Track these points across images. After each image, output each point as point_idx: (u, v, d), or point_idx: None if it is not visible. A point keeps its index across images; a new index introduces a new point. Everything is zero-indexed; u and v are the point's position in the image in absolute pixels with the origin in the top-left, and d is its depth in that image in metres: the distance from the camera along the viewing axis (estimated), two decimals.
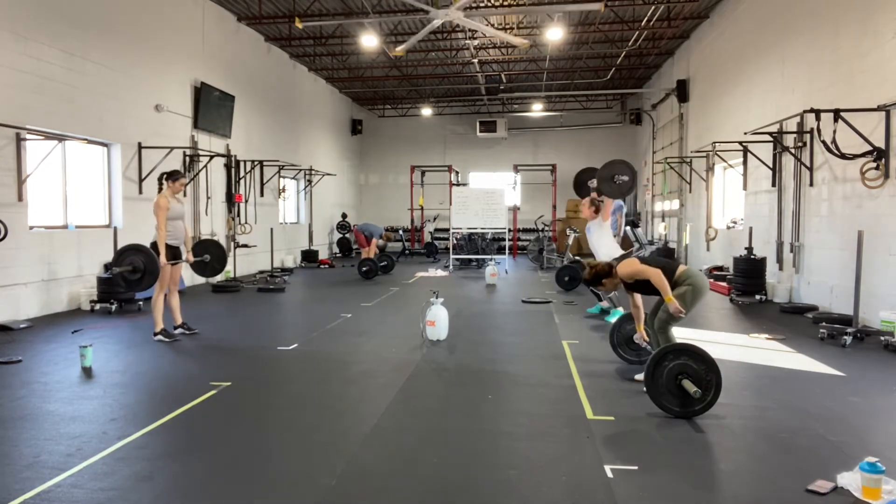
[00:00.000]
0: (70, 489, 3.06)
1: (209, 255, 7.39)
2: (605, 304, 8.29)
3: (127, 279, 6.05)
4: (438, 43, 15.17)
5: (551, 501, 2.97)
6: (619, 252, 6.84)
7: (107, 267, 8.97)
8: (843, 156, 7.44)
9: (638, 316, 5.22)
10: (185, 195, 11.13)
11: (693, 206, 14.74)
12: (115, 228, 8.78)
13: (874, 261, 7.10)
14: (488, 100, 21.46)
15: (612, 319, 7.84)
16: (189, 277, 10.55)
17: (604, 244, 6.93)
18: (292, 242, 16.60)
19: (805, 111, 7.86)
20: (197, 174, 11.59)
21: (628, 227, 9.62)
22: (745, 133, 9.91)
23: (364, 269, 12.73)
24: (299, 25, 10.79)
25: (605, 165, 7.25)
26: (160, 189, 6.76)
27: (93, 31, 9.00)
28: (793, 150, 9.22)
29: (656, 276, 4.50)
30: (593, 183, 8.01)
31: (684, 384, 4.01)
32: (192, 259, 7.10)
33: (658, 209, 18.32)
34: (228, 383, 4.93)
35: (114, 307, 8.43)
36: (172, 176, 6.75)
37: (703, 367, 4.05)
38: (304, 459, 3.46)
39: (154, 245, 6.51)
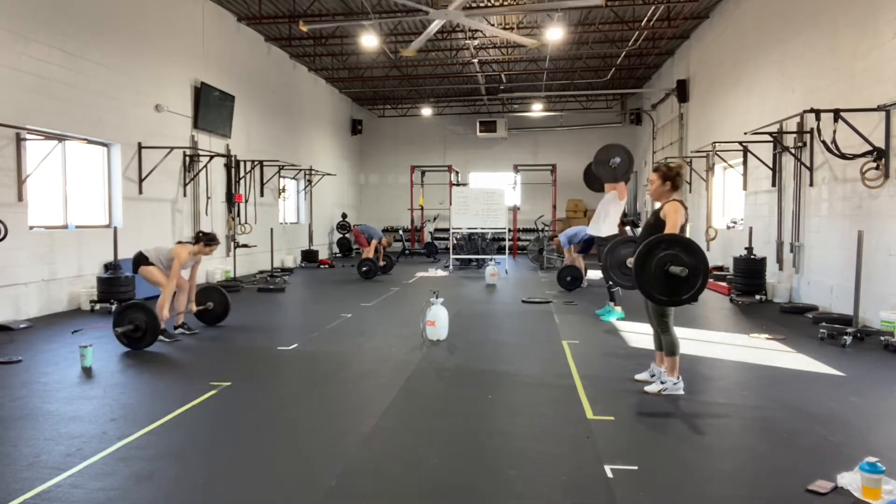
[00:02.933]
0: (70, 489, 3.06)
1: (212, 303, 7.37)
2: (611, 304, 8.23)
3: (129, 337, 6.09)
4: (438, 43, 15.16)
5: (551, 501, 2.97)
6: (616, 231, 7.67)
7: (107, 267, 8.97)
8: (843, 156, 7.44)
9: None
10: (184, 195, 11.23)
11: (693, 206, 14.72)
12: (115, 228, 8.79)
13: (874, 261, 7.10)
14: (488, 100, 21.46)
15: (611, 319, 7.90)
16: None
17: (611, 220, 7.52)
18: (292, 242, 16.60)
19: (805, 111, 7.86)
20: (197, 174, 11.59)
21: (628, 228, 9.64)
22: (745, 133, 9.91)
23: (364, 268, 12.73)
24: (303, 28, 10.77)
25: (600, 149, 7.38)
26: (195, 244, 6.79)
27: (93, 31, 9.00)
28: (793, 150, 9.22)
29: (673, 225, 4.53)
30: (616, 161, 7.83)
31: (671, 269, 4.12)
32: (195, 309, 7.11)
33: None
34: (228, 383, 4.93)
35: (114, 307, 8.41)
36: (210, 241, 6.80)
37: (693, 261, 4.16)
38: (304, 459, 3.46)
39: (141, 256, 6.67)
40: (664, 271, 4.15)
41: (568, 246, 11.41)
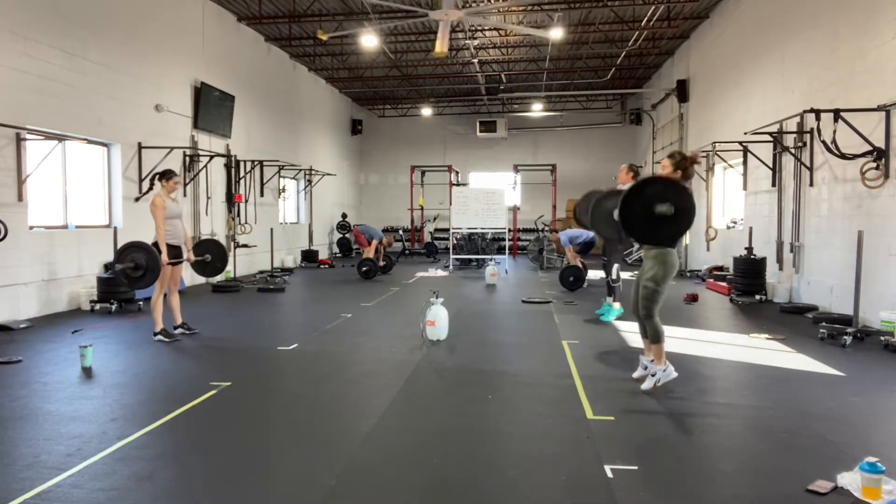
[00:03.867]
0: (70, 489, 3.06)
1: (210, 255, 7.40)
2: (608, 300, 8.22)
3: (129, 276, 6.08)
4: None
5: (551, 501, 2.97)
6: None
7: (107, 267, 8.97)
8: (843, 156, 7.44)
9: None
10: (184, 195, 11.23)
11: None
12: (115, 228, 8.78)
13: (874, 261, 7.10)
14: (488, 100, 21.46)
15: (611, 318, 7.89)
16: (189, 277, 10.55)
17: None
18: (292, 242, 16.60)
19: (805, 111, 7.86)
20: (197, 174, 11.59)
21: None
22: (745, 133, 9.91)
23: (364, 268, 12.73)
24: (323, 37, 10.79)
25: (597, 201, 6.26)
26: (150, 188, 6.77)
27: (93, 31, 9.00)
28: (793, 150, 9.22)
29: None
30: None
31: (657, 209, 4.20)
32: (192, 258, 7.11)
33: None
34: (228, 383, 4.93)
35: (114, 307, 8.43)
36: (166, 175, 6.79)
37: (680, 201, 4.27)
38: (304, 459, 3.46)
39: (156, 244, 6.52)
40: (650, 212, 4.21)
41: (568, 246, 11.43)
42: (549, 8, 12.71)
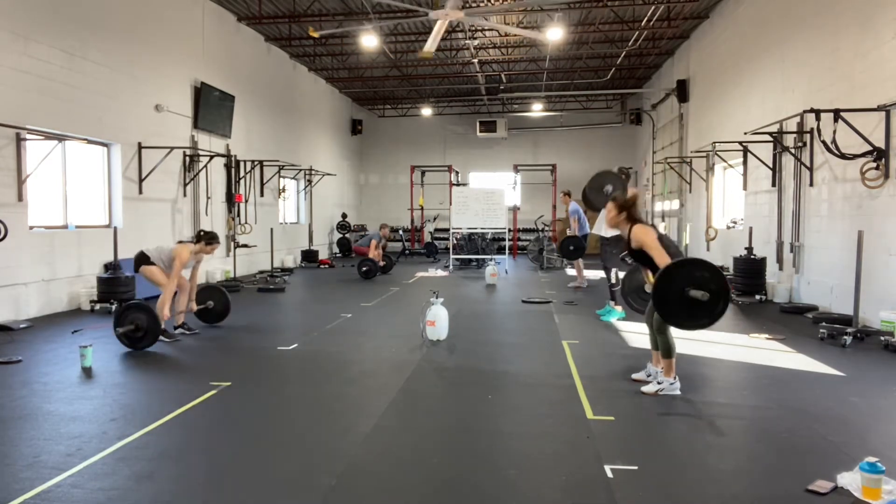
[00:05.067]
0: (70, 489, 3.06)
1: (212, 302, 7.37)
2: (611, 303, 8.24)
3: (130, 337, 6.10)
4: (439, 43, 15.13)
5: (551, 501, 2.97)
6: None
7: (107, 267, 8.97)
8: (843, 156, 7.44)
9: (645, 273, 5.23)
10: (184, 195, 11.23)
11: (693, 206, 14.74)
12: (115, 228, 8.79)
13: (874, 261, 7.10)
14: (488, 100, 21.46)
15: (611, 319, 7.89)
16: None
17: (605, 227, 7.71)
18: (292, 242, 16.60)
19: (805, 111, 7.86)
20: (197, 174, 11.59)
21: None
22: (745, 133, 9.91)
23: (364, 268, 12.73)
24: (315, 34, 10.76)
25: (593, 177, 7.42)
26: (196, 242, 6.77)
27: (93, 31, 9.00)
28: (793, 150, 9.21)
29: (659, 256, 4.46)
30: (609, 188, 8.13)
31: (692, 293, 4.08)
32: (195, 308, 7.11)
33: (658, 209, 18.32)
34: (228, 383, 4.93)
35: (114, 307, 8.42)
36: (210, 240, 6.79)
37: (714, 283, 4.12)
38: (304, 459, 3.46)
39: (142, 255, 6.63)
40: (685, 296, 4.11)
41: (575, 216, 11.52)
42: (549, 8, 12.71)
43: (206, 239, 6.78)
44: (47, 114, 8.17)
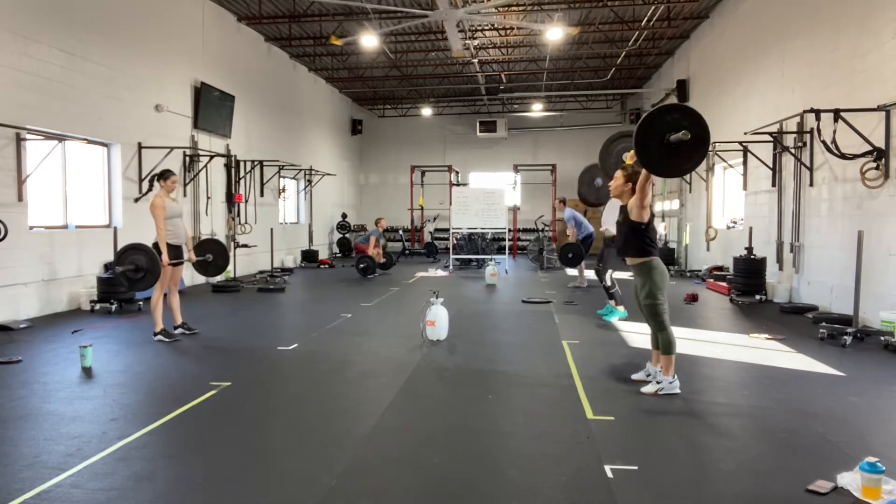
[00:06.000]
0: (70, 489, 3.06)
1: (211, 255, 7.40)
2: (612, 303, 8.25)
3: (129, 278, 6.09)
4: (438, 43, 15.17)
5: (551, 501, 2.97)
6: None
7: (107, 267, 8.97)
8: (843, 156, 7.44)
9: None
10: (184, 195, 11.23)
11: (693, 206, 14.74)
12: (115, 228, 8.77)
13: (874, 261, 7.10)
14: (488, 100, 21.45)
15: (613, 319, 7.89)
16: (189, 277, 10.55)
17: (610, 220, 7.76)
18: (292, 242, 16.60)
19: (805, 111, 7.86)
20: (197, 174, 11.59)
21: None
22: (745, 133, 9.91)
23: (362, 265, 12.74)
24: (338, 42, 10.87)
25: (584, 170, 7.52)
26: (150, 189, 6.79)
27: (93, 31, 9.00)
28: (793, 150, 9.22)
29: (642, 197, 4.60)
30: (598, 182, 8.25)
31: (672, 137, 4.15)
32: (194, 259, 7.12)
33: (658, 209, 18.32)
34: (228, 383, 4.93)
35: (114, 307, 8.43)
36: (164, 175, 6.81)
37: (692, 125, 4.19)
38: (304, 459, 3.46)
39: (156, 245, 6.52)
40: (666, 143, 4.20)
41: (571, 223, 11.54)
42: (549, 8, 12.72)
43: (162, 178, 6.76)
44: (47, 114, 8.17)
